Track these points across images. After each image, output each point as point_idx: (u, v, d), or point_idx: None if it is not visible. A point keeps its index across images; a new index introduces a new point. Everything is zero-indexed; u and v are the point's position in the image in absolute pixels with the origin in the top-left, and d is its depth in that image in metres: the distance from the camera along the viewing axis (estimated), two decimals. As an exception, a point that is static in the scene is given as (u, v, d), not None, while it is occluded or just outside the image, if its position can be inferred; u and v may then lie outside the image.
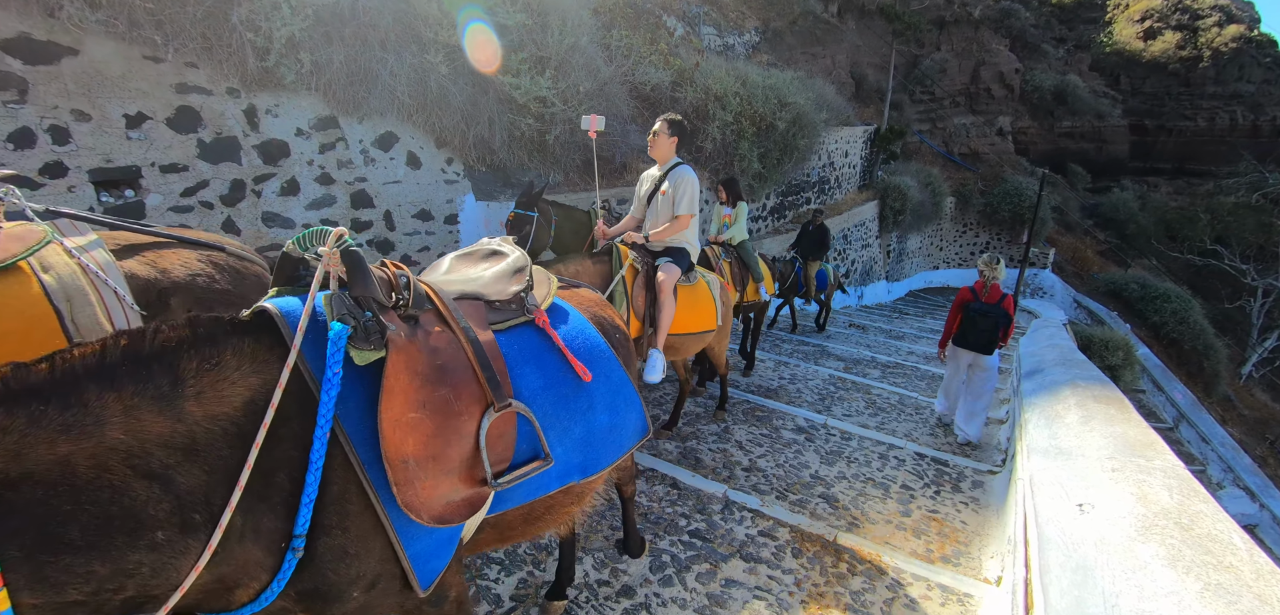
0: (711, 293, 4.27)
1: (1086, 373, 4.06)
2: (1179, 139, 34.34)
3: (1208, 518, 1.60)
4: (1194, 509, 1.65)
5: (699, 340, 4.22)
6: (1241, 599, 1.21)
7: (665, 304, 3.73)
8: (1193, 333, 19.76)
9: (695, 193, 3.83)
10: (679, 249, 3.97)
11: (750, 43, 16.22)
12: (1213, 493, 10.64)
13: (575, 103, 6.45)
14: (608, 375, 1.89)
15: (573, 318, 1.97)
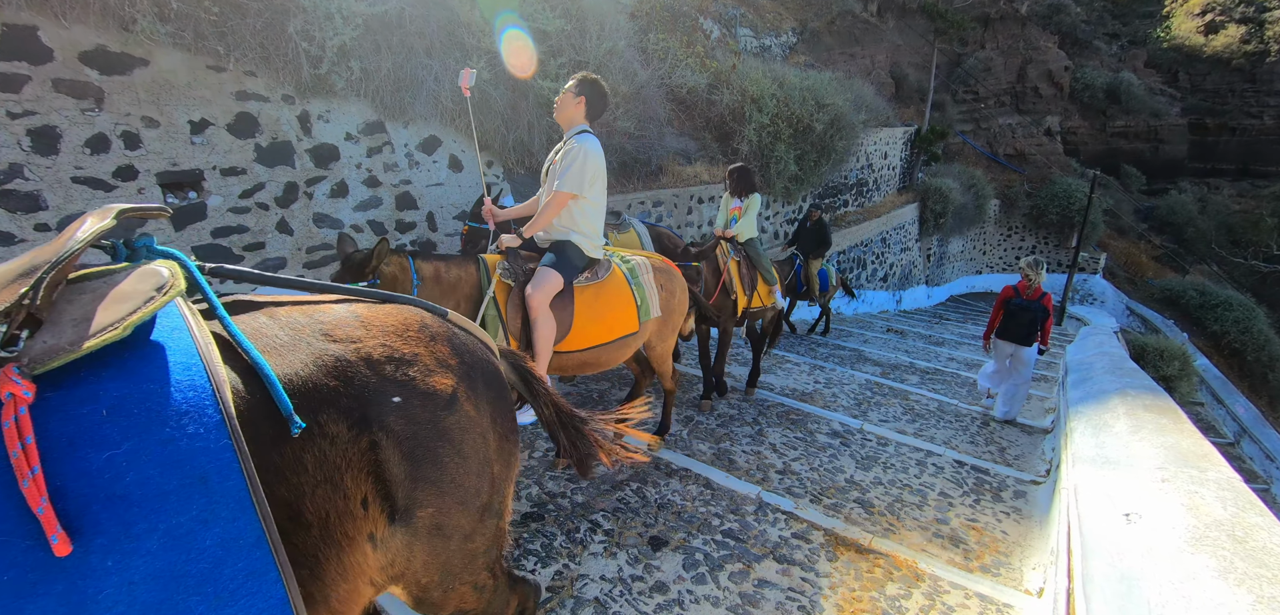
0: (629, 288, 3.50)
1: (1137, 381, 3.92)
2: (1243, 138, 32.51)
3: (1264, 531, 1.56)
4: (1249, 522, 1.60)
5: (620, 348, 3.52)
6: (1296, 613, 1.18)
7: (538, 325, 3.00)
8: (1257, 343, 18.71)
9: (588, 168, 3.10)
10: (562, 244, 3.24)
11: (787, 44, 16.08)
12: (1277, 512, 10.11)
13: (614, 107, 6.53)
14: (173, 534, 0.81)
15: (163, 379, 0.88)
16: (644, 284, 3.57)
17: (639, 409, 2.95)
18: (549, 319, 3.04)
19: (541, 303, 3.00)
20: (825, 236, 9.06)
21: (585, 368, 3.39)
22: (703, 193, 7.94)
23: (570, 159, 3.11)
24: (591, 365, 3.42)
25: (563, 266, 3.14)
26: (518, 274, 3.10)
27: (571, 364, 3.31)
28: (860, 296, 11.19)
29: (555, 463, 3.91)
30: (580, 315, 3.22)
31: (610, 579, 2.87)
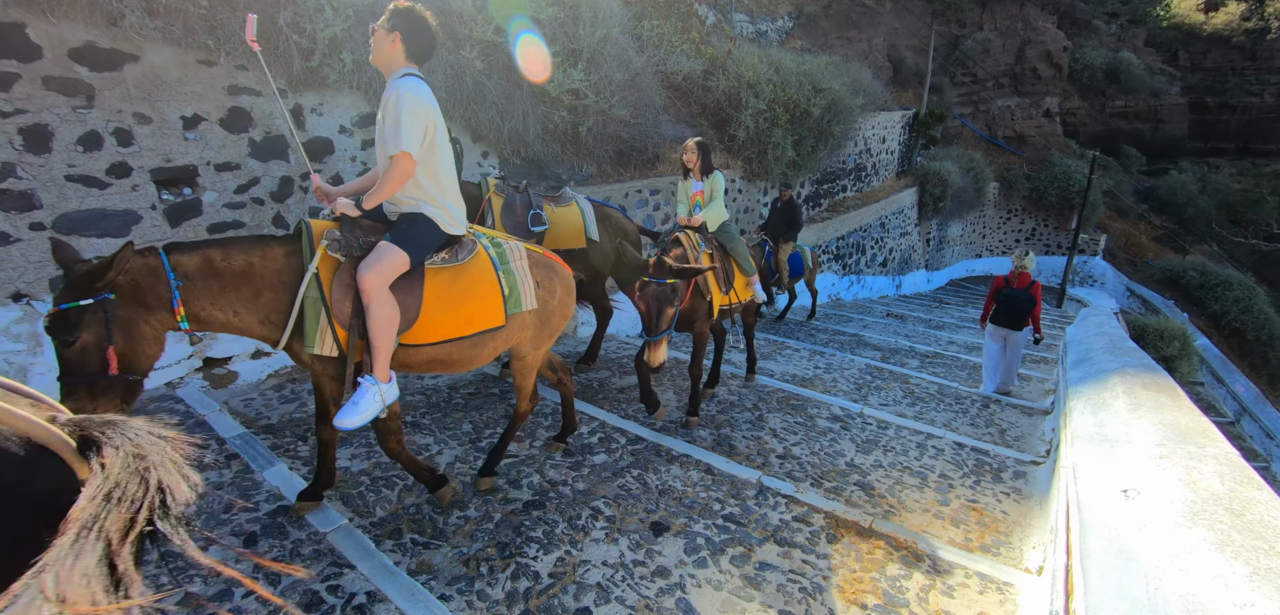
0: (496, 275, 2.93)
1: (1136, 360, 3.92)
2: (1244, 116, 32.39)
3: (1262, 505, 1.55)
4: (1247, 496, 1.60)
5: (479, 345, 2.93)
6: (1293, 584, 1.18)
7: (374, 310, 2.48)
8: (1257, 322, 18.72)
9: (407, 118, 2.44)
10: (412, 218, 2.69)
11: (783, 29, 15.97)
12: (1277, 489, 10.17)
13: (608, 94, 6.49)
14: None
15: None
16: (514, 271, 3.02)
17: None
18: (388, 304, 2.51)
19: (378, 283, 2.46)
20: (796, 218, 8.73)
21: (437, 366, 2.88)
22: (700, 180, 7.97)
23: (385, 112, 2.50)
24: (445, 363, 2.89)
25: (410, 243, 2.60)
26: (351, 247, 2.55)
27: (419, 360, 2.79)
28: (818, 286, 10.66)
29: (548, 445, 3.95)
30: (431, 302, 2.70)
31: (612, 564, 2.88)
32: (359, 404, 2.53)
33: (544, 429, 4.23)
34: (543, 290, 3.15)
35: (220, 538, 2.75)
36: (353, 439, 3.81)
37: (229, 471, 3.39)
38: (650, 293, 3.74)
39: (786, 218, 8.60)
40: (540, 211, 4.63)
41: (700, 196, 4.68)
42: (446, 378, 5.04)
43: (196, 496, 0.91)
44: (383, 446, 2.93)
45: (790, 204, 8.56)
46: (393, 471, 3.49)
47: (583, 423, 4.38)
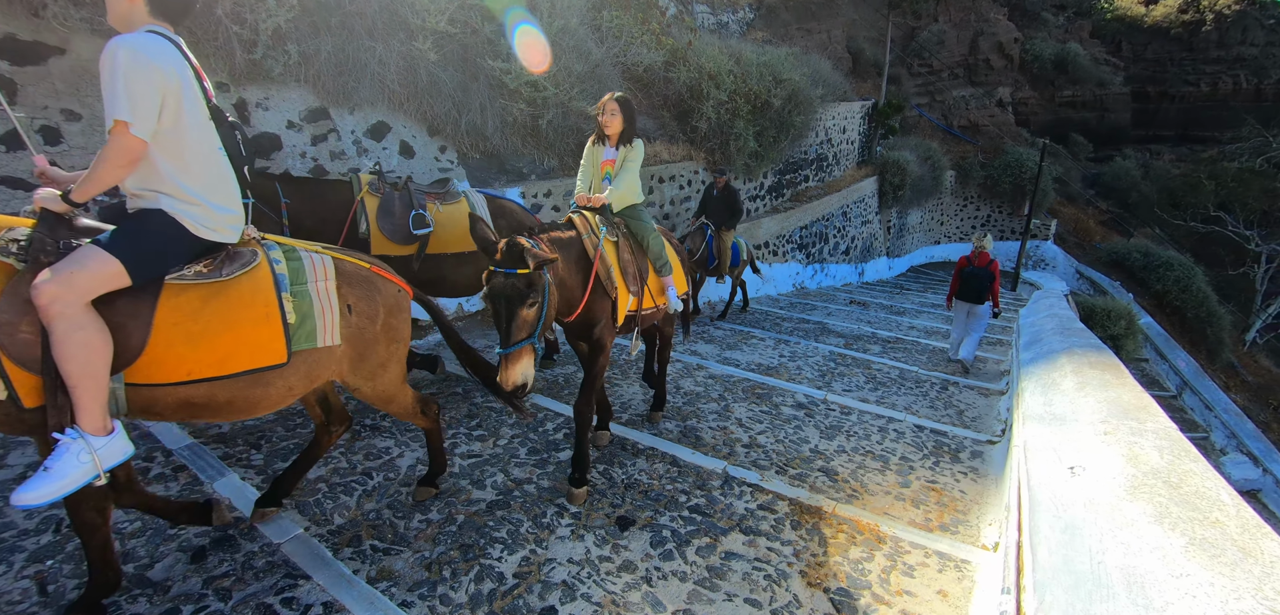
0: (278, 298, 2.26)
1: (1084, 341, 4.06)
2: (1182, 105, 34.06)
3: (1197, 476, 1.61)
4: (1184, 468, 1.65)
5: (254, 387, 2.23)
6: (1226, 552, 1.22)
7: (65, 339, 1.80)
8: (1196, 301, 19.71)
9: (150, 82, 1.88)
10: (144, 214, 2.08)
11: (744, 20, 16.06)
12: (1216, 460, 10.67)
13: (567, 86, 6.41)
14: None
15: None
16: (311, 294, 2.35)
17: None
18: (84, 328, 1.83)
19: (63, 299, 1.78)
20: (737, 205, 8.15)
21: (198, 412, 2.16)
22: (663, 171, 7.91)
23: (109, 69, 1.84)
24: (207, 408, 2.16)
25: (129, 249, 1.95)
26: (44, 249, 1.87)
27: (168, 404, 2.09)
28: (767, 276, 10.13)
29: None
30: (168, 330, 2.02)
31: (578, 561, 2.85)
32: (52, 468, 1.83)
33: (509, 427, 4.16)
34: (359, 316, 2.53)
35: (167, 554, 2.64)
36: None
37: (176, 484, 3.24)
38: (497, 287, 2.70)
39: (726, 205, 8.00)
40: (423, 211, 4.19)
41: (610, 167, 3.68)
42: (410, 375, 4.91)
43: None
44: (73, 520, 2.11)
45: (728, 189, 8.02)
46: (352, 477, 3.39)
47: (547, 419, 4.33)
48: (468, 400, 4.54)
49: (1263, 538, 1.31)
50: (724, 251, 8.03)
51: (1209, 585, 1.11)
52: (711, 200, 8.05)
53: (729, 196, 8.01)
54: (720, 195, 8.01)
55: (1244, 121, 30.27)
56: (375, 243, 4.05)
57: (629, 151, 3.68)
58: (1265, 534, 1.34)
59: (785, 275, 11.93)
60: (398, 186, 4.21)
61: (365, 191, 4.06)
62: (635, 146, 3.71)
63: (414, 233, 4.13)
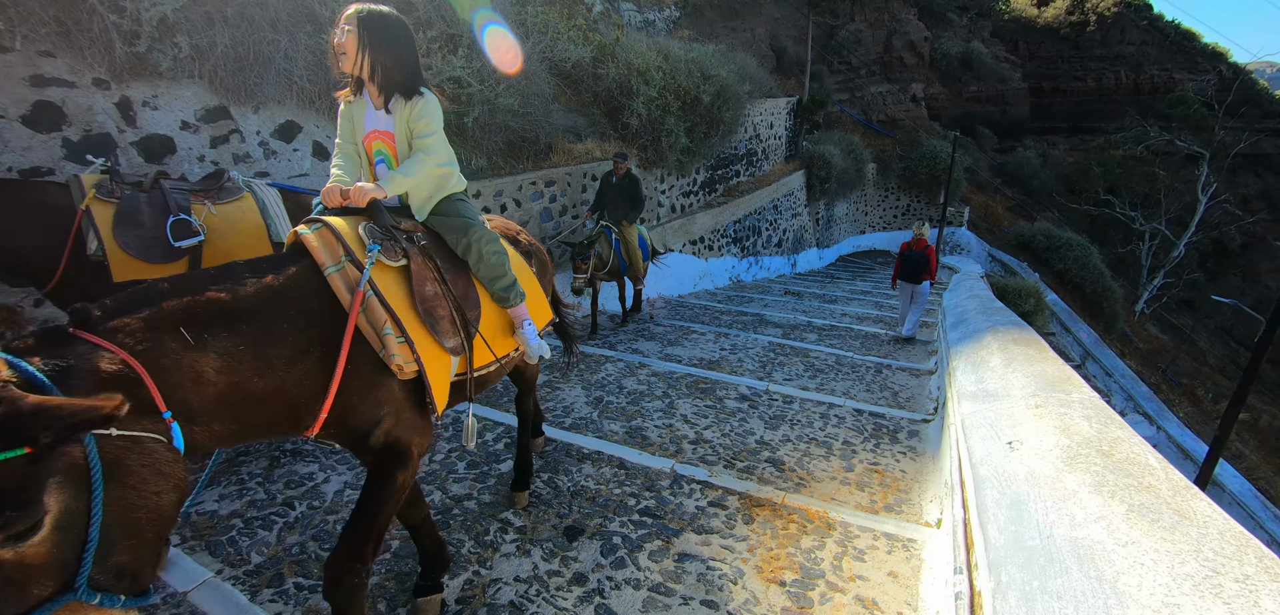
0: None
1: (1005, 318, 4.26)
2: (1072, 99, 37.07)
3: (1125, 443, 1.67)
4: (1112, 436, 1.71)
5: None
6: (1163, 516, 1.24)
7: None
8: (1093, 277, 21.48)
9: None
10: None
11: (671, 18, 16.17)
12: (1116, 420, 11.67)
13: (493, 83, 6.18)
14: None
15: None
16: None
17: None
18: None
19: None
20: (638, 194, 6.99)
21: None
22: (596, 169, 7.77)
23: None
24: None
25: None
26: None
27: None
28: (664, 263, 9.00)
29: None
30: None
31: (525, 579, 2.71)
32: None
33: (446, 442, 3.95)
34: None
35: None
36: (220, 477, 3.36)
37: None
38: None
39: (627, 194, 6.91)
40: (188, 216, 3.15)
41: (384, 141, 2.28)
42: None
43: None
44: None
45: (630, 177, 6.93)
46: (271, 509, 3.10)
47: (487, 430, 4.14)
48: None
49: (1193, 499, 1.36)
50: (633, 251, 7.02)
51: (1154, 552, 1.12)
52: (610, 190, 6.93)
53: (630, 185, 6.93)
54: (620, 184, 6.90)
55: (1125, 113, 33.42)
56: (117, 265, 2.90)
57: (413, 109, 2.20)
58: (1194, 495, 1.39)
59: (722, 269, 12.08)
60: (144, 185, 3.13)
61: (91, 197, 2.89)
62: (423, 106, 2.21)
63: (177, 246, 3.07)
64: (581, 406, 4.73)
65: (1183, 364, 21.84)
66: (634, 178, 6.94)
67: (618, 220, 6.89)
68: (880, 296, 13.29)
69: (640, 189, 7.01)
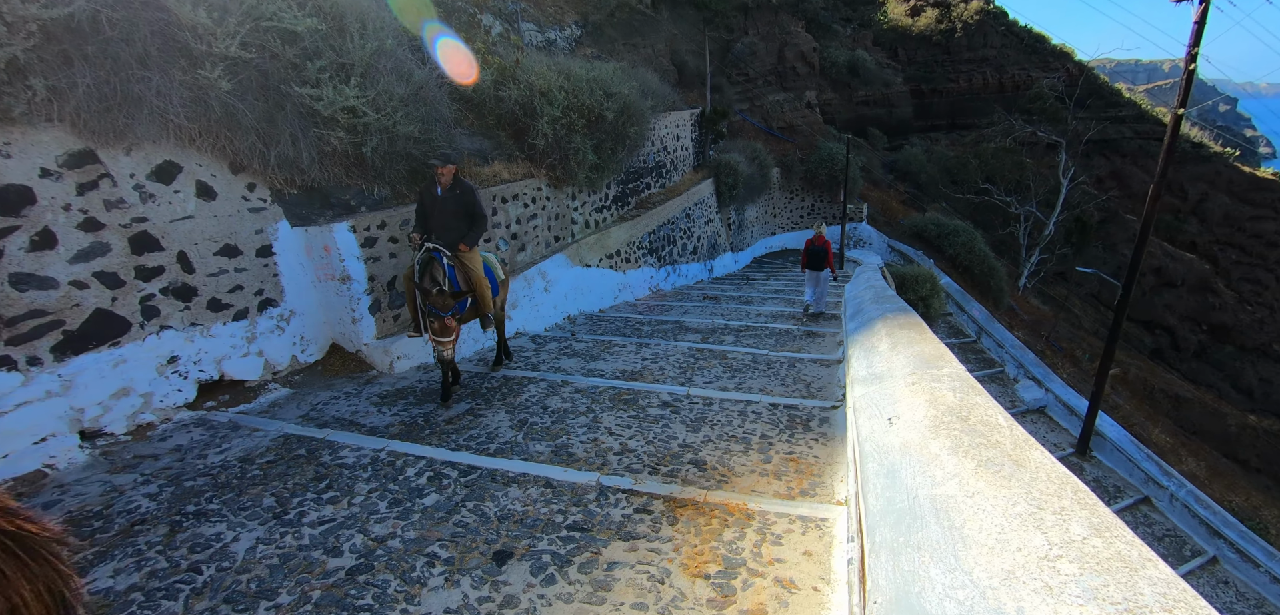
0: None
1: (894, 306, 4.64)
2: (948, 99, 40.62)
3: (981, 407, 1.91)
4: (971, 402, 1.95)
5: None
6: (1004, 467, 1.46)
7: None
8: (980, 260, 23.56)
9: None
10: None
11: (572, 37, 16.34)
12: (1012, 387, 12.75)
13: (390, 110, 6.02)
14: None
15: None
16: None
17: None
18: None
19: None
20: (474, 207, 5.41)
21: None
22: (505, 191, 7.73)
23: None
24: None
25: None
26: None
27: None
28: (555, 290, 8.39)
29: None
30: None
31: (455, 610, 2.69)
32: None
33: (364, 481, 3.82)
34: None
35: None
36: (114, 549, 3.11)
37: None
38: None
39: (461, 209, 5.35)
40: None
41: None
42: (239, 443, 4.34)
43: None
44: None
45: (460, 186, 5.34)
46: (176, 578, 2.89)
47: (408, 465, 4.04)
48: (313, 461, 4.10)
49: (1030, 449, 1.59)
50: (476, 282, 5.40)
51: (994, 498, 1.32)
52: (434, 206, 5.31)
53: (462, 198, 5.33)
54: (448, 197, 5.29)
55: (994, 109, 37.19)
56: None
57: None
58: (1032, 446, 1.62)
59: (641, 280, 12.28)
60: None
61: None
62: None
63: None
64: (505, 431, 4.70)
65: (1062, 330, 24.35)
66: (467, 187, 5.34)
67: (451, 243, 5.27)
68: (793, 294, 13.96)
69: (478, 201, 5.41)
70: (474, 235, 5.44)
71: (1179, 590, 1.03)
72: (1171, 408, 22.59)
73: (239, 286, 5.35)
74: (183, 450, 4.32)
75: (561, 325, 8.90)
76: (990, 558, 1.13)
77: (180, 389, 4.91)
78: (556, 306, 9.01)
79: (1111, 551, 1.11)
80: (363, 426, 4.77)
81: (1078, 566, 1.07)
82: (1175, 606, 0.99)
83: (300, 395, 5.46)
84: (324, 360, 6.17)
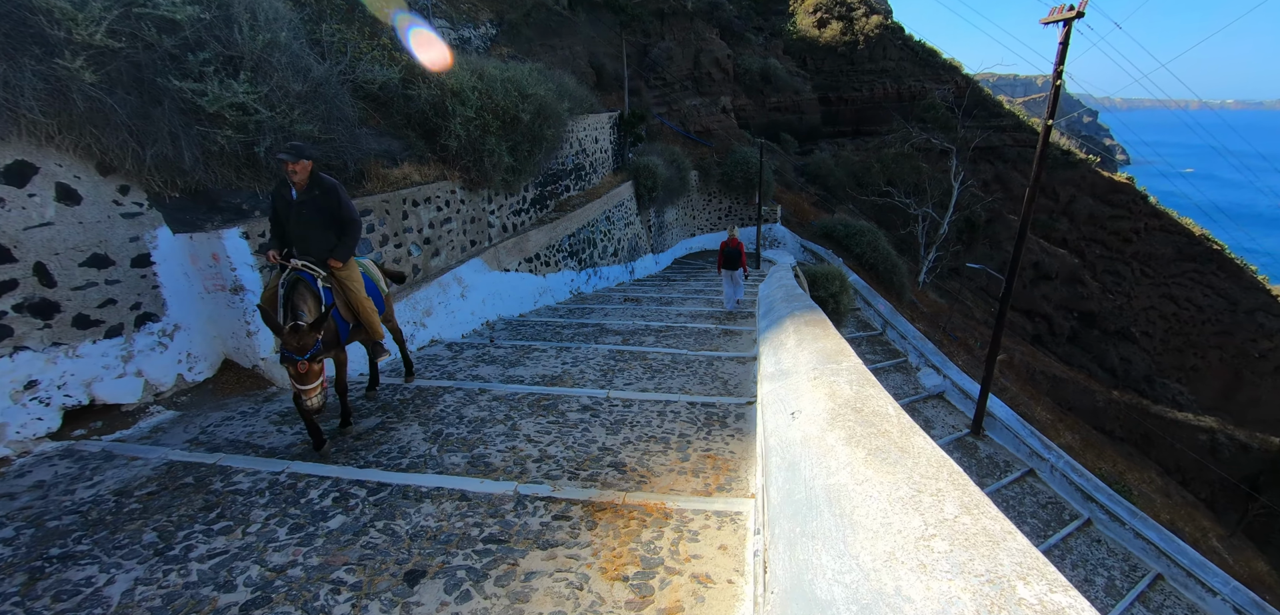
0: None
1: (802, 303, 4.87)
2: (852, 107, 43.19)
3: (874, 398, 2.04)
4: (865, 394, 2.08)
5: None
6: (890, 454, 1.56)
7: None
8: (883, 257, 25.15)
9: None
10: None
11: (487, 36, 15.96)
12: (915, 375, 13.73)
13: (285, 108, 5.62)
14: None
15: None
16: None
17: None
18: None
19: None
20: (341, 210, 4.39)
21: None
22: (417, 194, 7.43)
23: None
24: None
25: None
26: None
27: None
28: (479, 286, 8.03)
29: None
30: None
31: (363, 639, 2.55)
32: None
33: (261, 508, 3.55)
34: None
35: None
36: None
37: None
38: None
39: (326, 216, 4.35)
40: None
41: None
42: (114, 475, 3.92)
43: None
44: None
45: (319, 185, 4.28)
46: (21, 633, 2.56)
47: (311, 486, 3.80)
48: (202, 489, 3.77)
49: (914, 436, 1.71)
50: (359, 304, 4.57)
51: (880, 484, 1.41)
52: (289, 211, 4.26)
53: (325, 199, 4.30)
54: (306, 200, 4.24)
55: (893, 117, 40.02)
56: None
57: None
58: (915, 432, 1.75)
59: (561, 283, 12.18)
60: None
61: None
62: None
63: None
64: (419, 444, 4.52)
65: (957, 321, 26.41)
66: (329, 186, 4.31)
67: (320, 258, 4.36)
68: (712, 294, 14.32)
69: (346, 202, 4.42)
70: (346, 245, 4.45)
71: (1033, 559, 1.14)
72: (1050, 387, 25.09)
73: (111, 300, 4.82)
74: (45, 486, 3.85)
75: (480, 331, 8.68)
76: (874, 542, 1.20)
77: (41, 418, 4.37)
78: (474, 312, 8.77)
79: (978, 527, 1.22)
80: (260, 448, 4.43)
81: (949, 543, 1.17)
82: (1029, 574, 1.09)
83: (188, 418, 5.01)
84: (216, 378, 5.68)
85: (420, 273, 7.73)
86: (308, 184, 4.26)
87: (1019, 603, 0.97)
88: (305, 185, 4.26)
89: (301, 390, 3.94)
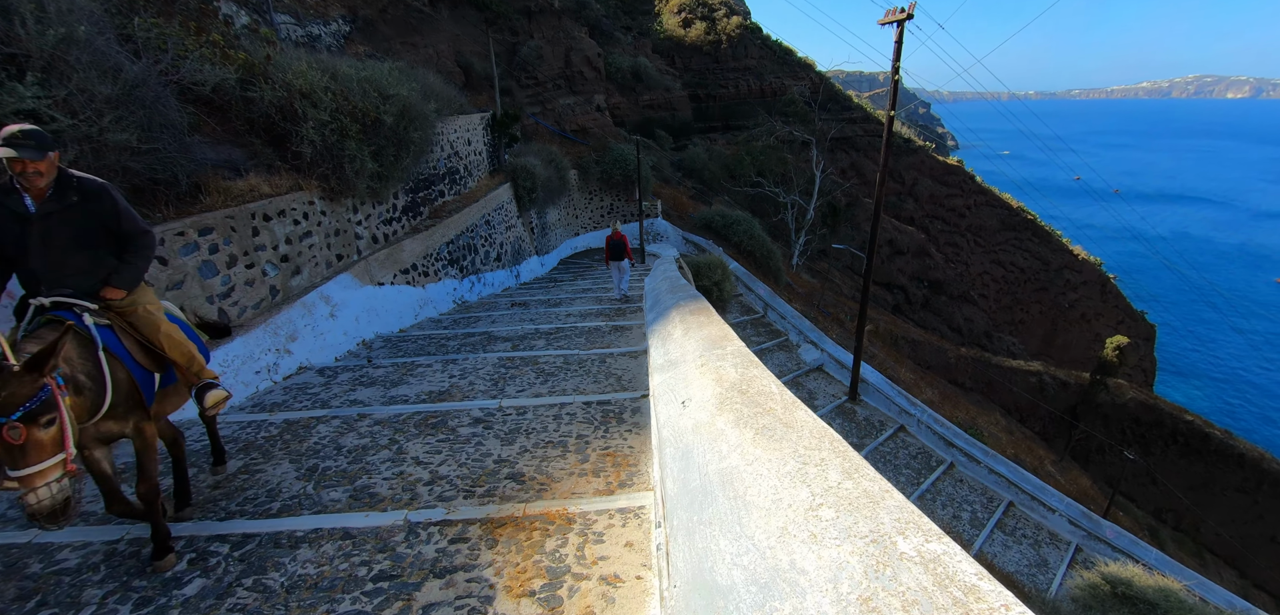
0: None
1: (686, 294, 5.00)
2: (720, 103, 45.25)
3: (758, 379, 2.13)
4: (750, 376, 2.17)
5: None
6: (775, 431, 1.63)
7: None
8: (759, 244, 26.60)
9: None
10: None
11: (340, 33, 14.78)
12: (796, 352, 14.73)
13: (92, 114, 4.80)
14: None
15: None
16: None
17: None
18: None
19: None
20: (119, 220, 3.16)
21: None
22: (268, 207, 6.69)
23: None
24: None
25: None
26: None
27: None
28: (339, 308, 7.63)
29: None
30: None
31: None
32: None
33: (94, 585, 3.03)
34: None
35: None
36: None
37: None
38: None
39: (84, 227, 3.07)
40: None
41: None
42: None
43: None
44: None
45: (80, 188, 3.03)
46: None
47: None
48: (15, 576, 3.14)
49: (796, 410, 1.81)
50: (166, 337, 3.34)
51: (768, 461, 1.47)
52: (29, 227, 2.92)
53: (89, 207, 3.07)
54: (52, 211, 2.95)
55: (758, 112, 42.51)
56: None
57: None
58: (798, 407, 1.85)
59: (443, 293, 11.62)
60: None
61: None
62: None
63: None
64: (291, 483, 4.10)
65: (829, 298, 28.57)
66: (94, 190, 3.09)
67: (86, 289, 3.10)
68: (600, 291, 14.35)
69: (125, 211, 3.21)
70: (134, 267, 3.25)
71: (909, 513, 1.24)
72: (910, 350, 27.95)
73: None
74: None
75: (355, 352, 8.05)
76: (768, 519, 1.25)
77: None
78: (347, 332, 8.11)
79: (860, 490, 1.31)
80: (90, 515, 3.79)
81: (835, 510, 1.24)
82: (907, 528, 1.19)
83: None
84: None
85: (279, 295, 7.00)
86: (53, 189, 2.95)
87: (900, 557, 1.05)
88: (49, 190, 2.94)
89: (14, 480, 2.35)
